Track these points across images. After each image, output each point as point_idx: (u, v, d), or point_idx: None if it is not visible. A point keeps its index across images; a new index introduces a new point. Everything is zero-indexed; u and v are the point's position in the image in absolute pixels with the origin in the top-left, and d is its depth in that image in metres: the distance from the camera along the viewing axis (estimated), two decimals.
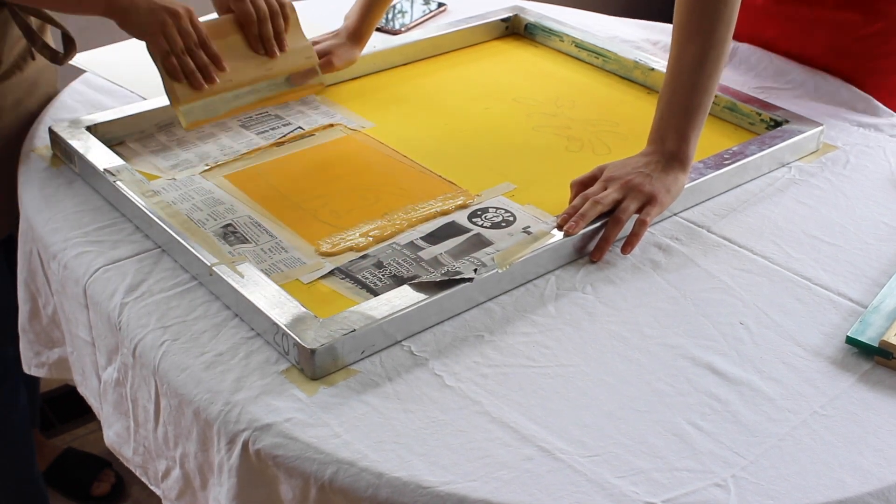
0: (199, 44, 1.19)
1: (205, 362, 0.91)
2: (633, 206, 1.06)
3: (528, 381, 0.89)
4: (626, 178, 1.08)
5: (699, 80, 1.10)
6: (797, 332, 0.96)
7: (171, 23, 1.16)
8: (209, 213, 1.13)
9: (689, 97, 1.10)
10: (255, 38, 1.24)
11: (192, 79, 1.18)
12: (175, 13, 1.17)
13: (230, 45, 1.23)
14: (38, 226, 1.12)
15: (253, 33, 1.24)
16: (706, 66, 1.10)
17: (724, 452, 0.82)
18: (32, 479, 1.61)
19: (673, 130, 1.10)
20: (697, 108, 1.10)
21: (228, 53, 1.22)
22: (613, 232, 1.05)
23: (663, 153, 1.10)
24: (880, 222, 1.14)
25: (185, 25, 1.17)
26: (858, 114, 1.38)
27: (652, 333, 0.96)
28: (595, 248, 1.06)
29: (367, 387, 0.88)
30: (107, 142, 1.23)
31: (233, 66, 1.22)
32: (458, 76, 1.50)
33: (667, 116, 1.12)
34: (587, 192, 1.08)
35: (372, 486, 0.79)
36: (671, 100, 1.11)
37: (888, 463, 0.82)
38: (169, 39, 1.16)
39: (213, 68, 1.19)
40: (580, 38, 1.53)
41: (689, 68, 1.10)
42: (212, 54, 1.20)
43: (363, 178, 1.21)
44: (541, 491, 0.78)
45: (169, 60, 1.16)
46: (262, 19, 1.24)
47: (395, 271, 1.03)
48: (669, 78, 1.12)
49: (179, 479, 0.96)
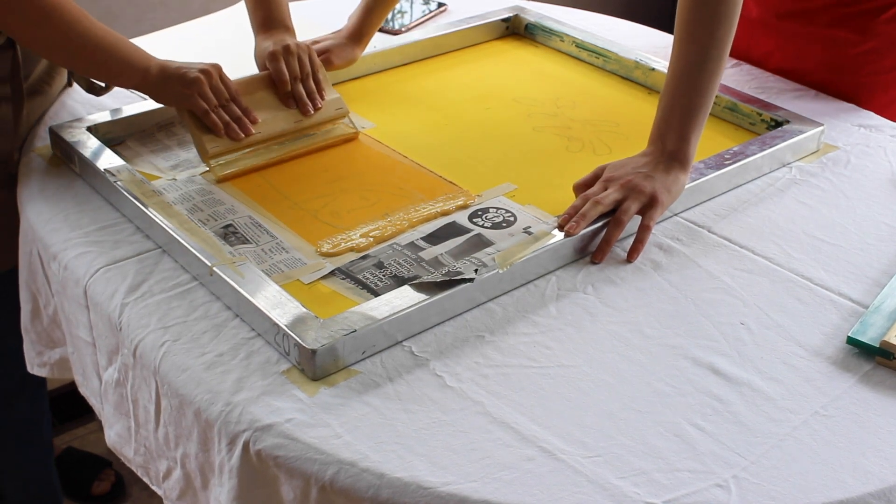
0: (230, 99, 1.21)
1: (205, 363, 0.91)
2: (634, 206, 1.06)
3: (529, 381, 0.89)
4: (626, 178, 1.08)
5: (700, 81, 1.10)
6: (798, 333, 0.96)
7: (203, 81, 1.18)
8: (209, 213, 1.13)
9: (689, 97, 1.10)
10: (288, 96, 1.26)
11: (229, 130, 1.20)
12: (206, 73, 1.18)
13: (260, 100, 1.24)
14: (38, 226, 1.12)
15: (284, 91, 1.26)
16: (707, 65, 1.10)
17: (725, 453, 0.82)
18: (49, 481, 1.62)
19: (674, 130, 1.10)
20: (698, 109, 1.10)
21: (258, 107, 1.24)
22: (615, 233, 1.05)
23: (664, 153, 1.10)
24: (881, 222, 1.14)
25: (216, 83, 1.19)
26: (859, 114, 1.38)
27: (653, 334, 0.96)
28: (597, 250, 1.06)
29: (368, 387, 0.88)
30: (107, 142, 1.22)
31: (263, 119, 1.23)
32: (459, 76, 1.49)
33: (667, 116, 1.11)
34: (588, 193, 1.08)
35: (373, 486, 0.79)
36: (672, 100, 1.11)
37: (889, 463, 0.82)
38: (205, 99, 1.18)
39: (245, 120, 1.21)
40: (580, 38, 1.53)
41: (690, 68, 1.10)
42: (243, 108, 1.22)
43: (364, 178, 1.21)
44: (542, 492, 0.78)
45: (210, 118, 1.18)
46: (294, 79, 1.26)
47: (396, 272, 1.03)
48: (670, 78, 1.12)
49: (180, 479, 0.96)
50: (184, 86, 1.17)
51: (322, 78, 1.29)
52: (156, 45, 1.58)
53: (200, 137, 1.19)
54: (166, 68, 1.17)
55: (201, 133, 1.19)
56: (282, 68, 1.25)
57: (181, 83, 1.17)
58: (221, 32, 1.62)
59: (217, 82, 1.20)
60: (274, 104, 1.26)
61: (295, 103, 1.26)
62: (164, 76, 1.17)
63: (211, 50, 1.54)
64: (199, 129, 1.19)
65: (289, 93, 1.26)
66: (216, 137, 1.19)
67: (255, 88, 1.25)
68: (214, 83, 1.19)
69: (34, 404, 1.52)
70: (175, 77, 1.17)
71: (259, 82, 1.26)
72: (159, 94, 1.19)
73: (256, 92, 1.25)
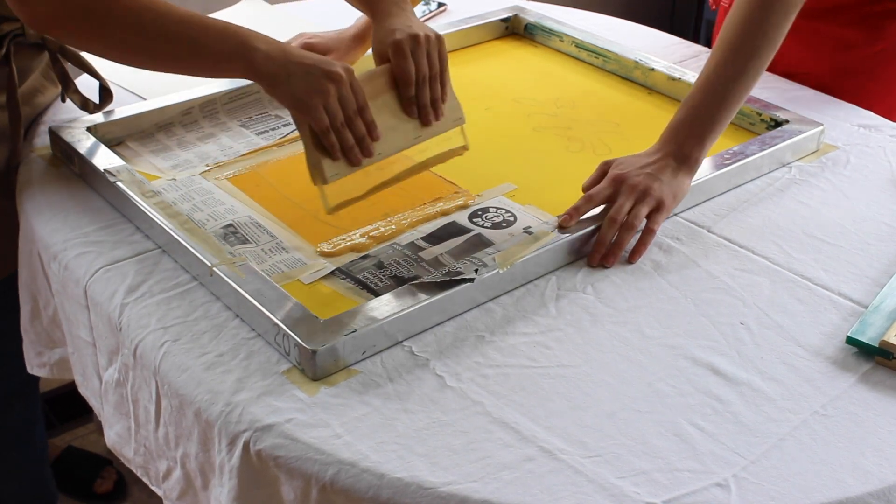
0: (357, 111, 1.02)
1: (205, 363, 0.91)
2: (644, 210, 1.06)
3: (529, 381, 0.89)
4: (635, 179, 1.08)
5: (731, 94, 1.11)
6: (798, 333, 0.96)
7: (332, 91, 0.99)
8: (209, 213, 1.13)
9: (718, 108, 1.11)
10: (409, 100, 1.07)
11: (350, 155, 1.02)
12: (337, 77, 0.99)
13: (380, 107, 1.06)
14: (37, 226, 1.12)
15: (408, 95, 1.06)
16: (743, 82, 1.11)
17: (725, 453, 0.82)
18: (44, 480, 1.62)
19: (695, 136, 1.10)
20: (722, 120, 1.12)
21: (379, 114, 1.05)
22: (627, 237, 1.05)
23: (676, 156, 1.10)
24: (881, 222, 1.14)
25: (346, 92, 1.00)
26: (859, 114, 1.38)
27: (653, 334, 0.96)
28: (608, 254, 1.05)
29: (369, 387, 0.88)
30: (107, 142, 1.23)
31: (383, 133, 1.05)
32: (459, 76, 1.48)
33: (690, 120, 1.12)
34: (591, 193, 1.08)
35: (373, 486, 0.79)
36: (699, 105, 1.12)
37: (889, 463, 0.82)
38: (330, 113, 0.99)
39: (368, 140, 1.03)
40: (580, 38, 1.53)
41: (725, 81, 1.11)
42: (368, 122, 1.03)
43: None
44: (542, 492, 0.78)
45: (328, 138, 1.00)
46: (420, 82, 1.06)
47: (396, 272, 1.03)
48: (703, 83, 1.12)
49: (180, 479, 0.96)
50: (308, 91, 0.98)
51: (447, 78, 1.10)
52: None
53: (319, 160, 1.02)
54: (289, 56, 0.98)
55: (321, 155, 1.02)
56: (410, 69, 1.05)
57: (306, 85, 0.98)
58: None
59: (347, 90, 1.00)
60: (395, 111, 1.07)
61: (416, 110, 1.08)
62: (285, 66, 0.98)
63: None
64: (319, 148, 1.02)
65: (412, 98, 1.07)
66: (335, 161, 1.03)
67: (379, 91, 1.06)
68: (344, 92, 1.00)
69: (29, 406, 1.52)
70: (299, 74, 0.98)
71: (382, 82, 1.07)
72: (273, 88, 1.00)
73: (379, 96, 1.06)
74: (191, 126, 1.31)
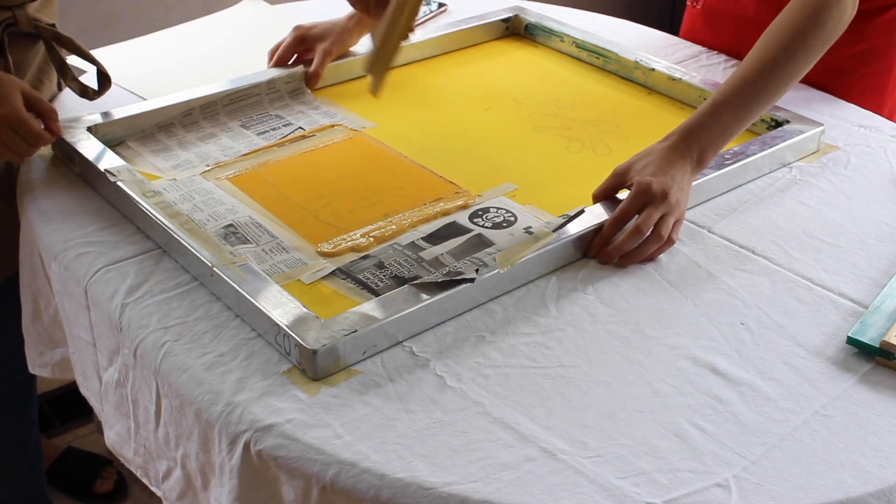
0: None
1: (206, 363, 0.91)
2: (671, 222, 1.06)
3: (530, 381, 0.89)
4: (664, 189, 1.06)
5: (758, 101, 1.12)
6: (798, 333, 0.96)
7: None
8: (210, 213, 1.13)
9: (743, 110, 1.12)
10: None
11: None
12: None
13: None
14: (38, 227, 1.12)
15: None
16: (773, 93, 1.12)
17: (726, 453, 0.82)
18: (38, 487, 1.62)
19: (716, 132, 1.11)
20: (742, 123, 1.12)
21: None
22: (651, 247, 1.05)
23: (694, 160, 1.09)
24: (881, 223, 1.14)
25: None
26: (859, 114, 1.38)
27: (653, 334, 0.96)
28: (625, 256, 1.05)
29: (369, 387, 0.88)
30: (107, 142, 1.23)
31: None
32: (459, 76, 1.50)
33: (714, 116, 1.11)
34: (617, 217, 1.06)
35: (373, 487, 0.79)
36: (726, 104, 1.11)
37: (889, 463, 0.82)
38: None
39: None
40: (580, 38, 1.53)
41: (757, 87, 1.11)
42: None
43: (364, 178, 1.21)
44: (542, 492, 0.78)
45: None
46: None
47: (397, 272, 1.03)
48: (736, 83, 1.12)
49: (180, 479, 0.96)
50: None
51: None
52: (156, 45, 1.59)
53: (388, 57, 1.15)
54: None
55: None
56: None
57: None
58: (221, 32, 1.62)
59: None
60: None
61: None
62: None
63: (211, 50, 1.55)
64: None
65: None
66: None
67: None
68: None
69: (24, 409, 1.52)
70: None
71: None
72: None
73: None
74: (191, 126, 1.31)
